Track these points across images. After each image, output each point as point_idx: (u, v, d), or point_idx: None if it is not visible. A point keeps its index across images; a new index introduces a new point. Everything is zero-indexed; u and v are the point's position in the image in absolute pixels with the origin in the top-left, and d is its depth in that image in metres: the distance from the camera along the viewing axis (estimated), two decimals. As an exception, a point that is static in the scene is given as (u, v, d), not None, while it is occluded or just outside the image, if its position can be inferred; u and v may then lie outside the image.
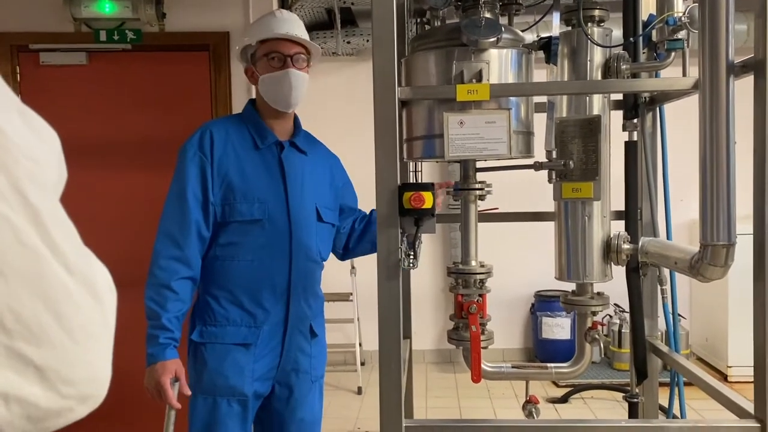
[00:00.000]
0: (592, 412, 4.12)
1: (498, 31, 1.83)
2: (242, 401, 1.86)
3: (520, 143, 1.92)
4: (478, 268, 2.03)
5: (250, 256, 1.87)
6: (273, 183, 1.92)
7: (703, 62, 1.59)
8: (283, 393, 1.96)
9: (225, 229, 1.87)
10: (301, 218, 1.94)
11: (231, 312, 1.88)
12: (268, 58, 1.91)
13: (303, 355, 1.97)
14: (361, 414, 4.19)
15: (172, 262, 1.79)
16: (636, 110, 2.29)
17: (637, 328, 2.30)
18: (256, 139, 1.94)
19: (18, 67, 3.42)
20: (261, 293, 1.88)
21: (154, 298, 1.78)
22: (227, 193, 1.85)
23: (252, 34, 1.95)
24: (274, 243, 1.89)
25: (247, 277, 1.87)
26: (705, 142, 1.59)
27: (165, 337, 1.76)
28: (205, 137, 1.88)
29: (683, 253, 1.77)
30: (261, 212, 1.86)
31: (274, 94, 1.92)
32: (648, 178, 2.33)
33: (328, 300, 5.03)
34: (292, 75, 1.91)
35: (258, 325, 1.88)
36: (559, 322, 4.85)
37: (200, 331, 1.88)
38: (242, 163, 1.89)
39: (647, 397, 2.37)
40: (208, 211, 1.84)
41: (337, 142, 5.05)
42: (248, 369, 1.86)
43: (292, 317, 1.92)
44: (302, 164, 2.00)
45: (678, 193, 2.99)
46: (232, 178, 1.86)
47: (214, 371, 1.85)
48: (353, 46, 4.84)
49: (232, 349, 1.86)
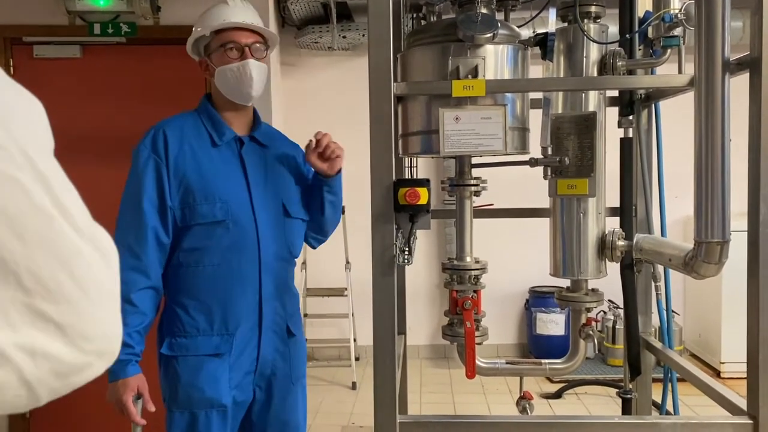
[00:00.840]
0: (585, 407, 4.14)
1: (494, 26, 1.83)
2: (221, 412, 1.77)
3: (516, 139, 1.92)
4: (473, 264, 2.03)
5: (217, 260, 1.76)
6: (234, 181, 1.81)
7: (698, 59, 1.59)
8: (264, 397, 1.88)
9: (187, 233, 1.76)
10: (267, 216, 1.84)
11: (200, 321, 1.77)
12: (224, 48, 1.80)
13: (281, 357, 1.88)
14: (355, 409, 4.19)
15: (129, 273, 1.67)
16: (631, 107, 2.30)
17: (631, 325, 2.31)
18: (213, 136, 1.82)
19: (11, 59, 3.40)
20: (231, 299, 1.78)
21: None
22: (186, 195, 1.75)
23: (205, 24, 1.83)
24: (241, 244, 1.78)
25: (214, 282, 1.77)
26: (700, 139, 1.59)
27: (125, 353, 1.66)
28: (159, 138, 1.76)
29: (678, 250, 1.77)
30: (223, 213, 1.76)
31: (233, 86, 1.81)
32: (643, 175, 2.33)
33: (323, 295, 5.07)
34: (252, 66, 1.81)
35: (230, 333, 1.77)
36: (553, 317, 4.86)
37: (169, 344, 1.78)
38: (200, 162, 1.78)
39: (641, 393, 2.39)
40: (166, 216, 1.74)
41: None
42: (224, 379, 1.77)
43: (266, 320, 1.83)
44: (264, 159, 1.90)
45: (672, 190, 2.99)
46: (189, 179, 1.75)
47: (189, 385, 1.75)
48: (349, 41, 4.83)
49: (205, 360, 1.76)
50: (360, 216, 4.34)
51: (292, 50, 5.01)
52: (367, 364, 5.03)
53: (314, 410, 4.19)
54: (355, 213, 4.63)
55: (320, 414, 4.13)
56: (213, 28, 1.80)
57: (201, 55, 1.88)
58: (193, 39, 1.85)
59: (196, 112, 1.88)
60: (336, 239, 4.93)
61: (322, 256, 5.09)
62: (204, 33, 1.82)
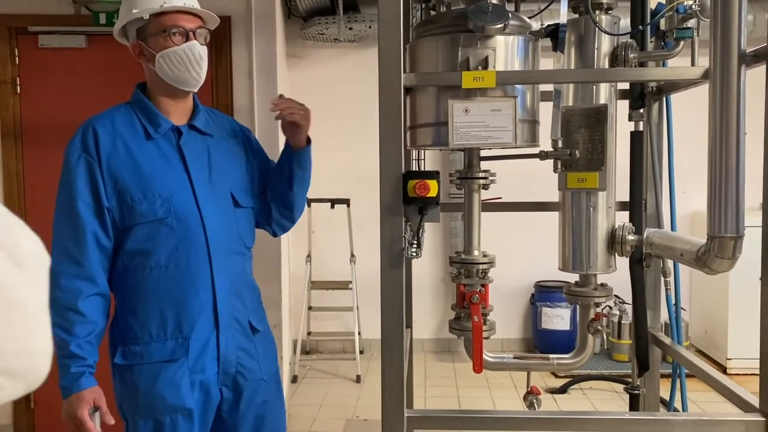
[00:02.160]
0: (591, 403, 4.12)
1: (505, 17, 1.80)
2: (187, 415, 1.69)
3: (526, 132, 1.89)
4: (480, 257, 2.01)
5: (163, 261, 1.66)
6: (174, 175, 1.70)
7: (714, 51, 1.56)
8: (232, 396, 1.79)
9: (129, 234, 1.66)
10: (213, 209, 1.73)
11: (152, 326, 1.67)
12: (167, 34, 1.68)
13: (246, 355, 1.79)
14: (359, 402, 4.19)
15: (73, 281, 1.59)
16: (642, 100, 2.27)
17: (639, 320, 2.29)
18: (147, 128, 1.71)
19: (16, 49, 3.38)
20: (183, 300, 1.68)
21: (59, 324, 1.55)
22: (123, 194, 1.65)
23: (141, 6, 1.68)
24: (188, 242, 1.68)
25: (164, 284, 1.67)
26: (714, 132, 1.57)
27: (77, 365, 1.57)
28: (88, 136, 1.65)
29: (689, 245, 1.75)
30: (165, 210, 1.65)
31: (179, 72, 1.69)
32: (653, 169, 2.31)
33: (327, 288, 5.07)
34: (200, 49, 1.71)
35: (185, 336, 1.68)
36: (558, 312, 4.85)
37: (123, 353, 1.68)
38: (135, 158, 1.67)
39: (648, 389, 2.37)
40: (104, 218, 1.64)
41: (339, 129, 5.05)
42: (184, 383, 1.68)
43: (224, 318, 1.73)
44: (206, 148, 1.78)
45: (680, 184, 2.97)
46: (125, 177, 1.65)
47: (148, 393, 1.66)
48: (355, 33, 4.79)
49: (162, 367, 1.67)
50: (365, 209, 4.34)
51: (297, 42, 4.98)
52: (371, 357, 5.03)
53: (318, 403, 4.18)
54: (361, 206, 4.62)
55: (324, 407, 4.13)
56: (152, 11, 1.67)
57: (133, 39, 1.74)
58: (125, 21, 1.71)
59: (128, 105, 1.77)
60: (341, 232, 4.93)
61: (327, 249, 5.08)
62: (141, 15, 1.68)
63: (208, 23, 1.79)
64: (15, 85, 3.38)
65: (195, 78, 1.73)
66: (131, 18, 1.70)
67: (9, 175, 3.39)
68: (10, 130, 3.38)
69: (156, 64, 1.70)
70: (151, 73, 1.74)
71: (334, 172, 4.70)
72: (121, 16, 1.75)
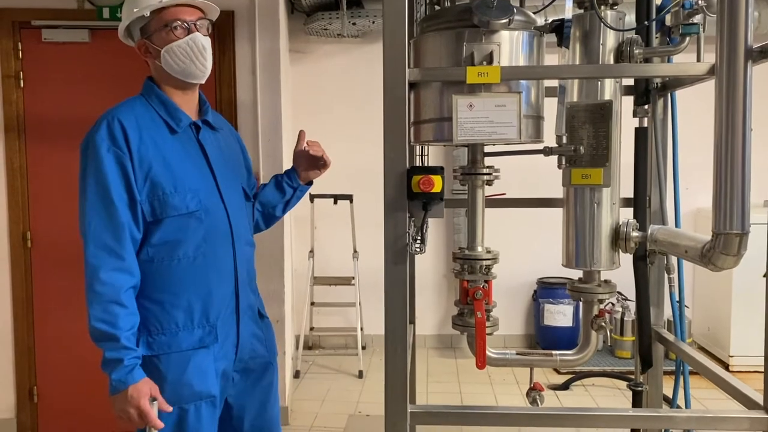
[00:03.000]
0: (593, 399, 4.12)
1: (510, 12, 1.80)
2: (211, 402, 1.73)
3: (530, 127, 1.89)
4: (484, 254, 2.01)
5: (191, 253, 1.70)
6: (199, 169, 1.75)
7: (720, 46, 1.55)
8: (241, 380, 1.86)
9: (157, 227, 1.68)
10: (234, 202, 1.80)
11: (179, 316, 1.70)
12: (169, 28, 1.70)
13: (257, 341, 1.88)
14: (361, 398, 4.19)
15: (115, 274, 1.60)
16: (647, 96, 2.26)
17: (643, 317, 2.28)
18: (170, 123, 1.73)
19: (20, 43, 3.38)
20: (210, 289, 1.72)
21: (104, 318, 1.58)
22: (154, 188, 1.66)
23: (142, 4, 1.70)
24: (215, 234, 1.73)
25: (191, 276, 1.71)
26: (720, 128, 1.56)
27: (129, 358, 1.59)
28: (115, 128, 1.65)
29: (694, 242, 1.74)
30: (196, 203, 1.69)
31: (184, 65, 1.71)
32: (658, 166, 2.30)
33: (330, 284, 5.06)
34: (202, 40, 1.73)
35: (212, 323, 1.73)
36: (561, 309, 4.85)
37: (147, 342, 1.69)
38: (163, 152, 1.69)
39: (651, 386, 2.36)
40: (136, 212, 1.65)
41: (341, 125, 5.04)
42: (211, 370, 1.73)
43: (243, 306, 1.81)
44: (219, 143, 1.85)
45: (684, 181, 2.96)
46: (156, 171, 1.66)
47: (176, 382, 1.68)
48: (359, 28, 4.78)
49: (192, 354, 1.70)
50: (367, 205, 4.34)
51: (301, 37, 4.97)
52: (374, 353, 5.03)
53: (321, 398, 4.19)
54: (363, 202, 4.62)
55: (327, 402, 4.13)
56: (153, 7, 1.69)
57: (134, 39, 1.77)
58: (128, 21, 1.73)
59: (143, 98, 1.77)
60: (344, 228, 4.93)
61: (330, 245, 5.08)
62: (143, 13, 1.70)
63: (209, 14, 1.80)
64: (18, 79, 3.37)
65: (201, 69, 1.75)
66: (133, 17, 1.71)
67: (12, 169, 3.39)
68: (13, 124, 3.38)
69: (162, 60, 1.72)
70: (158, 69, 1.76)
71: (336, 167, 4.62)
72: (124, 17, 1.76)
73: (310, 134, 2.06)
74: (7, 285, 3.45)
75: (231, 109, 3.43)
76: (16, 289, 3.46)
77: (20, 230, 3.42)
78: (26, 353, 3.49)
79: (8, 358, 3.48)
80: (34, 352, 3.50)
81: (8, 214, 3.41)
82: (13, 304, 3.46)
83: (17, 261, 3.44)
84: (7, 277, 3.44)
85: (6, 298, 3.45)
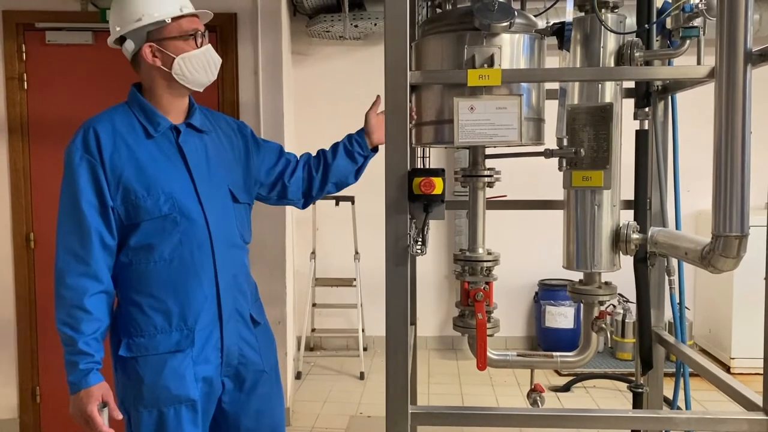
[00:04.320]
0: (594, 401, 4.13)
1: (511, 15, 1.81)
2: (191, 406, 1.73)
3: (531, 130, 1.90)
4: (485, 255, 2.02)
5: (168, 256, 1.71)
6: (176, 172, 1.74)
7: (720, 49, 1.56)
8: (233, 386, 1.84)
9: (134, 231, 1.69)
10: (215, 204, 1.78)
11: (157, 319, 1.71)
12: (189, 37, 1.74)
13: (248, 347, 1.85)
14: (363, 399, 4.20)
15: (79, 279, 1.63)
16: (648, 99, 2.27)
17: (643, 319, 2.29)
18: (147, 127, 1.74)
19: (24, 45, 3.39)
20: (187, 292, 1.72)
21: (67, 321, 1.62)
22: (127, 193, 1.68)
23: (155, 10, 1.72)
24: (192, 236, 1.73)
25: (168, 278, 1.71)
26: (720, 131, 1.56)
27: (85, 362, 1.61)
28: (89, 137, 1.68)
29: (694, 244, 1.75)
30: (170, 206, 1.70)
31: (198, 74, 1.76)
32: (658, 168, 2.31)
33: (331, 285, 5.07)
34: (214, 52, 1.81)
35: (190, 327, 1.72)
36: (562, 311, 4.85)
37: (127, 345, 1.71)
38: (137, 157, 1.70)
39: (651, 388, 2.37)
40: (108, 217, 1.67)
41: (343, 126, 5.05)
42: (189, 373, 1.72)
43: (226, 310, 1.78)
44: (204, 145, 1.83)
45: (684, 183, 2.96)
46: (129, 176, 1.68)
47: (153, 385, 1.70)
48: (360, 30, 4.79)
49: (168, 357, 1.71)
50: (369, 206, 4.34)
51: (303, 39, 4.99)
52: (375, 354, 5.04)
53: (322, 400, 4.20)
54: (365, 203, 4.62)
55: (328, 403, 4.14)
56: (173, 14, 1.73)
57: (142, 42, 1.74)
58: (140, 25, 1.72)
59: (126, 105, 1.79)
60: (345, 229, 4.94)
61: (331, 246, 5.09)
62: (164, 19, 1.72)
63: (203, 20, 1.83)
64: (22, 81, 3.39)
65: (210, 80, 1.81)
66: (150, 21, 1.72)
67: (16, 170, 3.41)
68: (17, 126, 3.39)
69: (174, 67, 1.73)
70: (157, 73, 1.76)
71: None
72: (128, 20, 1.74)
73: (312, 135, 2.07)
74: (10, 285, 3.46)
75: (233, 110, 3.44)
76: (20, 289, 3.47)
77: (23, 231, 3.44)
78: (29, 354, 3.50)
79: (11, 359, 3.50)
80: (36, 352, 3.51)
81: (12, 214, 3.43)
82: (17, 304, 3.47)
83: (20, 261, 3.46)
84: (11, 277, 3.46)
85: (9, 299, 3.47)
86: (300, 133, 4.59)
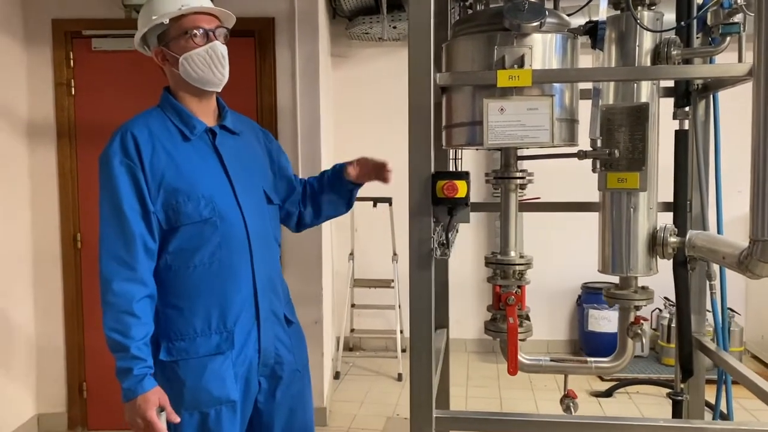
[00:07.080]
0: (636, 407, 4.02)
1: (542, 14, 1.78)
2: (231, 407, 1.74)
3: (564, 131, 1.86)
4: (517, 258, 1.99)
5: (207, 259, 1.70)
6: (214, 175, 1.74)
7: (758, 46, 1.50)
8: (268, 386, 1.84)
9: (174, 235, 1.69)
10: (252, 206, 1.78)
11: (197, 322, 1.71)
12: (188, 36, 1.70)
13: (283, 346, 1.85)
14: (400, 400, 4.19)
15: (126, 285, 1.62)
16: (688, 98, 2.20)
17: (683, 324, 2.22)
18: (183, 131, 1.73)
19: (71, 52, 3.51)
20: (226, 295, 1.72)
21: (116, 328, 1.60)
22: (168, 197, 1.67)
23: (160, 12, 1.71)
24: (231, 240, 1.72)
25: (207, 281, 1.71)
26: (758, 131, 1.51)
27: (139, 368, 1.60)
28: (128, 141, 1.66)
29: (732, 248, 1.69)
30: (210, 210, 1.69)
31: (203, 72, 1.72)
32: (699, 169, 2.24)
33: (370, 286, 5.08)
34: (222, 49, 1.74)
35: (229, 330, 1.73)
36: (605, 314, 4.74)
37: (167, 348, 1.71)
38: (176, 161, 1.69)
39: (692, 396, 2.30)
40: (150, 222, 1.66)
41: (382, 127, 5.05)
42: (229, 375, 1.72)
43: (263, 311, 1.79)
44: (238, 147, 1.82)
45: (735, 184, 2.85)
46: (169, 180, 1.67)
47: (195, 388, 1.70)
48: (399, 31, 4.79)
49: (208, 360, 1.71)
50: (407, 208, 4.32)
51: (342, 41, 5.02)
52: (414, 356, 5.02)
53: (359, 400, 4.21)
54: (403, 204, 4.61)
55: (365, 404, 4.15)
56: (172, 14, 1.69)
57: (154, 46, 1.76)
58: (146, 28, 1.73)
59: (159, 108, 1.78)
60: (383, 231, 4.94)
61: (370, 248, 5.10)
62: (162, 21, 1.70)
63: (226, 22, 1.82)
64: (70, 87, 3.51)
65: (219, 78, 1.75)
66: (151, 25, 1.72)
67: (64, 173, 3.53)
68: (65, 130, 3.52)
69: (180, 67, 1.72)
70: (175, 76, 1.76)
71: (377, 170, 4.70)
72: (141, 24, 1.77)
73: (352, 136, 2.06)
74: (59, 285, 3.59)
75: (272, 114, 3.48)
76: (68, 289, 3.60)
77: (71, 232, 3.56)
78: (76, 350, 3.63)
79: (60, 356, 3.63)
80: (83, 349, 3.63)
81: (60, 216, 3.56)
82: (65, 303, 3.60)
83: (68, 261, 3.58)
84: (59, 277, 3.59)
85: (58, 298, 3.60)
86: (339, 133, 4.63)
